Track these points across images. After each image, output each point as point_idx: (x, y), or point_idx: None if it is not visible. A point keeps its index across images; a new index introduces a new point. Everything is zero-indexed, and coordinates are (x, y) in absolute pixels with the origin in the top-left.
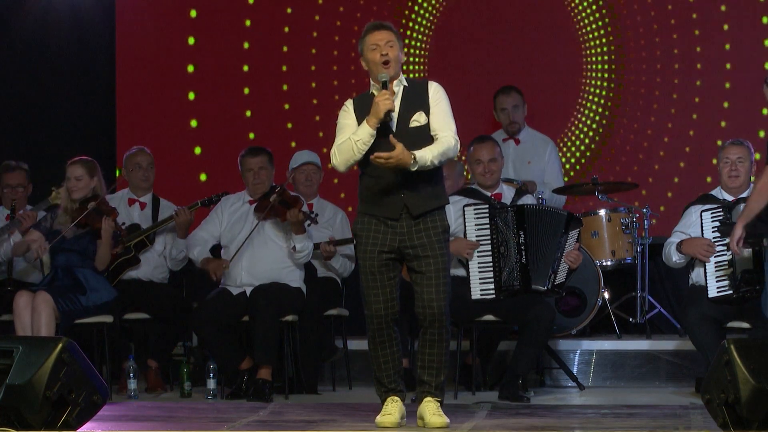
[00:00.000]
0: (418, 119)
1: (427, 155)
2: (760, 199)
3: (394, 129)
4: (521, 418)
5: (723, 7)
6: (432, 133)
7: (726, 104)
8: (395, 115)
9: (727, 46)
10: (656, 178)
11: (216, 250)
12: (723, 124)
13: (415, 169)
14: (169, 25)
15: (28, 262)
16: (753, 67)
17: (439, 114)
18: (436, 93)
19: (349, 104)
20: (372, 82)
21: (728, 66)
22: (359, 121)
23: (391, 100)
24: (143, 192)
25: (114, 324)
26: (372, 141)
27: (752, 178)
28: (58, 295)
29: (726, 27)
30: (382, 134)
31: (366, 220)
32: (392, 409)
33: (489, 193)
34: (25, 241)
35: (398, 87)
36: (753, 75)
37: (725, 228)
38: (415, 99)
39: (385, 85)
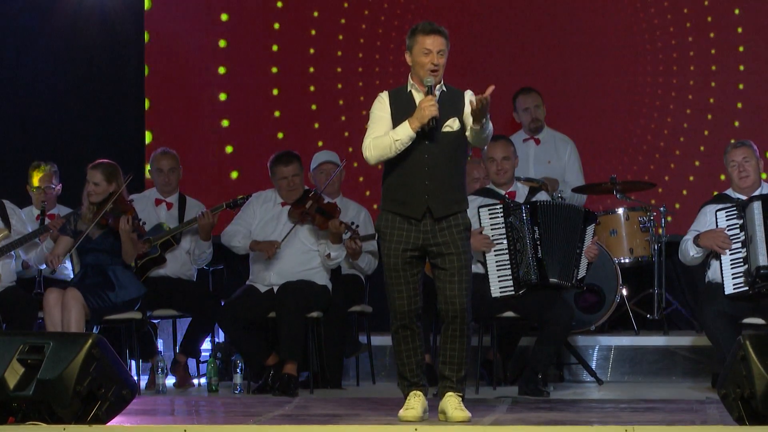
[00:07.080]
0: (451, 125)
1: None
2: None
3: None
4: (541, 412)
5: (737, 11)
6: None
7: (739, 105)
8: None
9: (741, 48)
10: (672, 177)
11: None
12: (736, 123)
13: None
14: (198, 27)
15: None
16: (766, 69)
17: None
18: (473, 97)
19: (384, 96)
20: (410, 80)
21: (742, 68)
22: (393, 115)
23: (436, 106)
24: (169, 193)
25: (143, 320)
26: (410, 143)
27: (764, 175)
28: (88, 291)
29: (740, 30)
30: (419, 137)
31: (390, 218)
32: (415, 404)
33: (503, 192)
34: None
35: (438, 91)
36: (766, 77)
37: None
38: (451, 105)
39: (430, 90)
